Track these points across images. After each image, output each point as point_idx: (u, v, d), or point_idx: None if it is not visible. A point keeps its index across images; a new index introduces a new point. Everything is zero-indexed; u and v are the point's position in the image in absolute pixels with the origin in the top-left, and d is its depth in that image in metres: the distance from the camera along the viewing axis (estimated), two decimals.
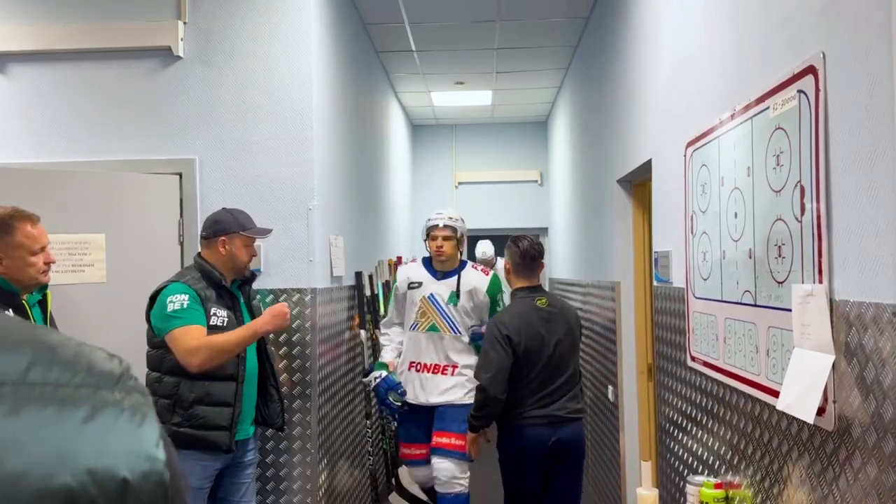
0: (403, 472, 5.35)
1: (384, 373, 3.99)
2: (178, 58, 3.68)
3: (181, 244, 3.59)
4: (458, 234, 4.00)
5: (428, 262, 4.08)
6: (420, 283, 4.00)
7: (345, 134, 4.56)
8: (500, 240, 8.49)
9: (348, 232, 4.53)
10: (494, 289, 4.02)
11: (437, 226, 3.97)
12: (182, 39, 3.67)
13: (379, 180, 6.04)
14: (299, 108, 3.68)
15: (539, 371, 3.26)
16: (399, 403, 3.95)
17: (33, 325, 0.56)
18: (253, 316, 3.01)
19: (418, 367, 3.98)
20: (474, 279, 4.00)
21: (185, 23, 3.68)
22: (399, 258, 6.77)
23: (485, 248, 7.68)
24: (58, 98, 3.71)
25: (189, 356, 2.61)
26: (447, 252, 3.94)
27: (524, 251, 3.35)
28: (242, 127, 3.68)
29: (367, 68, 5.56)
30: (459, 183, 8.89)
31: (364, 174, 5.29)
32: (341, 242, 4.25)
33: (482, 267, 4.19)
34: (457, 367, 3.92)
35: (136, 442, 0.48)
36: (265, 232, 3.04)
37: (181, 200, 3.63)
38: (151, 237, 3.51)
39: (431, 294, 3.96)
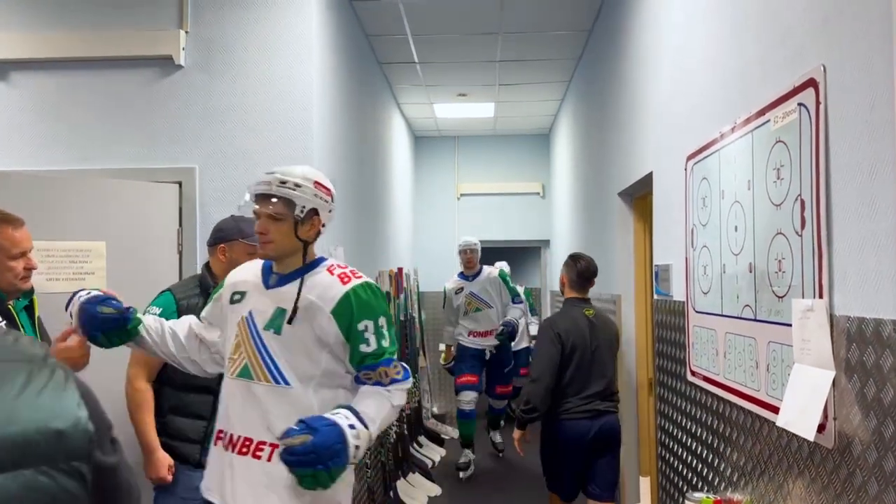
0: (402, 484, 5.31)
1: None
2: (180, 67, 3.69)
3: (180, 253, 3.58)
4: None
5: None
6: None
7: (346, 144, 4.56)
8: (501, 252, 8.47)
9: (349, 242, 4.51)
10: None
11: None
12: (183, 48, 3.68)
13: (380, 191, 6.04)
14: (300, 118, 3.68)
15: (582, 371, 3.60)
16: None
17: None
18: None
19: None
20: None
21: (186, 32, 3.69)
22: (400, 269, 6.76)
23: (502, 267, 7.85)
24: (59, 106, 3.71)
25: (130, 374, 2.65)
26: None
27: (581, 271, 3.81)
28: (243, 136, 3.67)
29: (369, 79, 5.57)
30: (461, 195, 8.88)
31: (365, 185, 5.28)
32: (342, 253, 4.24)
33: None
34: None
35: (63, 402, 0.64)
36: None
37: (180, 209, 3.62)
38: (151, 245, 3.50)
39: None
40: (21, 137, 3.71)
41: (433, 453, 6.41)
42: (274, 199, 2.07)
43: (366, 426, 1.91)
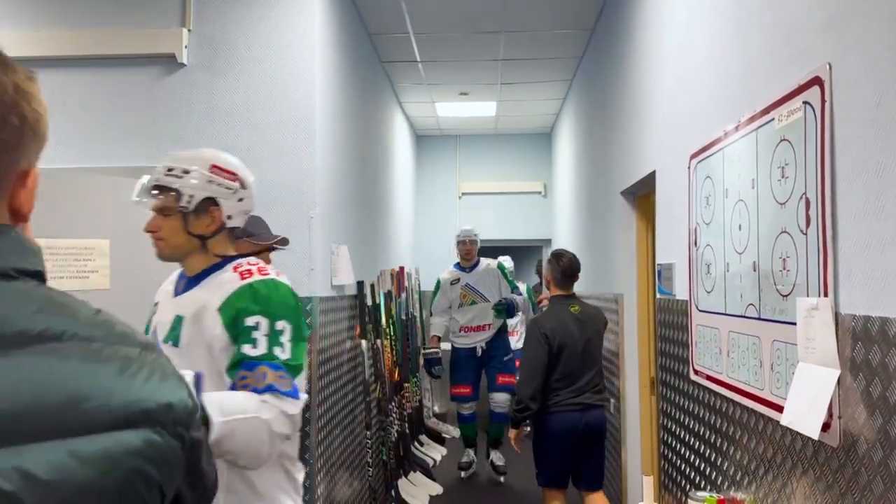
0: (403, 483, 5.31)
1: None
2: (182, 65, 3.69)
3: None
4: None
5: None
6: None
7: (348, 143, 4.56)
8: (503, 251, 8.48)
9: (351, 241, 4.51)
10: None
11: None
12: (186, 47, 3.68)
13: (382, 190, 6.04)
14: (302, 117, 3.68)
15: (571, 365, 3.74)
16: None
17: (99, 310, 0.81)
18: None
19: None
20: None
21: (189, 30, 3.69)
22: (402, 268, 6.76)
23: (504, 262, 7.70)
24: (62, 104, 3.71)
25: None
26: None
27: (564, 269, 3.95)
28: (245, 134, 3.67)
29: (371, 78, 5.56)
30: (463, 194, 8.88)
31: (367, 184, 5.28)
32: (346, 252, 4.24)
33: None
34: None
35: (172, 384, 0.80)
36: (275, 239, 2.87)
37: None
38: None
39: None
40: None
41: (434, 452, 6.41)
42: (155, 191, 1.79)
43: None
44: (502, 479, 5.92)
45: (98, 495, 0.69)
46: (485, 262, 6.17)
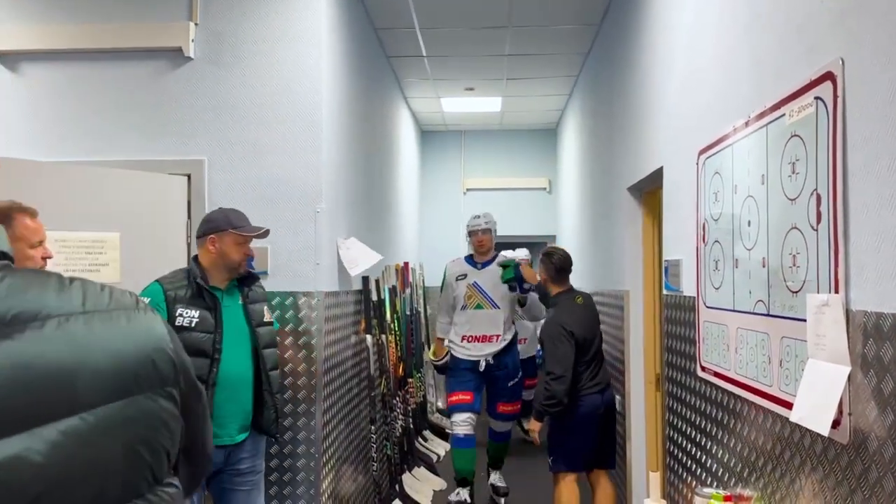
0: (407, 478, 5.31)
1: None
2: (189, 59, 3.68)
3: (188, 245, 3.58)
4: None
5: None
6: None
7: (354, 138, 4.55)
8: (509, 247, 8.47)
9: (356, 236, 4.50)
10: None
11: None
12: (193, 40, 3.67)
13: (387, 185, 6.03)
14: (309, 111, 3.67)
15: (590, 353, 3.92)
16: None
17: (70, 276, 0.81)
18: (249, 317, 2.94)
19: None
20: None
21: (196, 24, 3.68)
22: (406, 263, 6.75)
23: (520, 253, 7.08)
24: (68, 97, 3.71)
25: None
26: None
27: (558, 265, 4.07)
28: (252, 128, 3.67)
29: (377, 73, 5.56)
30: (467, 189, 8.87)
31: (372, 178, 5.28)
32: (356, 241, 4.23)
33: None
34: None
35: (155, 333, 0.81)
36: (258, 230, 2.94)
37: (189, 201, 3.62)
38: (162, 237, 3.50)
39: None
40: (30, 128, 3.72)
41: (438, 448, 6.42)
42: None
43: None
44: (503, 501, 5.25)
45: (100, 470, 0.70)
46: (502, 259, 5.16)
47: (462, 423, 4.93)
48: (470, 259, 5.19)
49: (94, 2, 3.72)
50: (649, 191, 4.09)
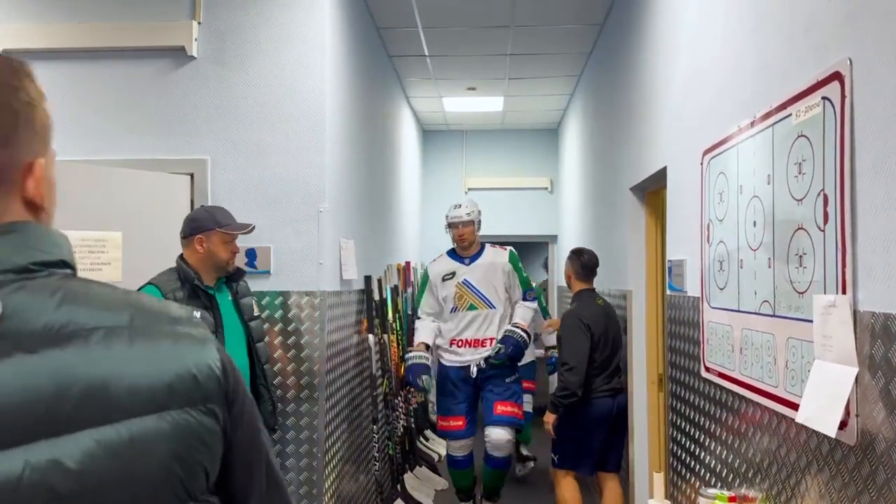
0: (409, 478, 5.31)
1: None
2: (192, 58, 3.68)
3: None
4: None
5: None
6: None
7: (356, 137, 4.55)
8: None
9: (358, 236, 4.50)
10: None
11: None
12: (196, 40, 3.67)
13: (389, 185, 6.03)
14: (312, 111, 3.67)
15: (605, 354, 3.95)
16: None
17: (127, 291, 0.85)
18: (240, 314, 2.96)
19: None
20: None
21: (199, 23, 3.68)
22: (408, 263, 6.75)
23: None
24: (71, 96, 3.71)
25: None
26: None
27: (585, 263, 4.14)
28: (255, 128, 3.66)
29: (379, 72, 5.55)
30: (469, 189, 8.86)
31: (375, 178, 5.28)
32: (352, 246, 4.23)
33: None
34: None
35: (201, 355, 0.80)
36: (244, 227, 2.94)
37: (192, 201, 3.61)
38: (164, 237, 3.49)
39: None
40: None
41: (439, 447, 6.41)
42: None
43: None
44: None
45: (132, 481, 0.72)
46: (491, 250, 4.57)
47: (458, 448, 4.53)
48: (454, 254, 4.56)
49: (97, 1, 3.71)
50: (652, 191, 4.08)
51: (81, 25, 3.68)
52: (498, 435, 4.34)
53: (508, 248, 4.64)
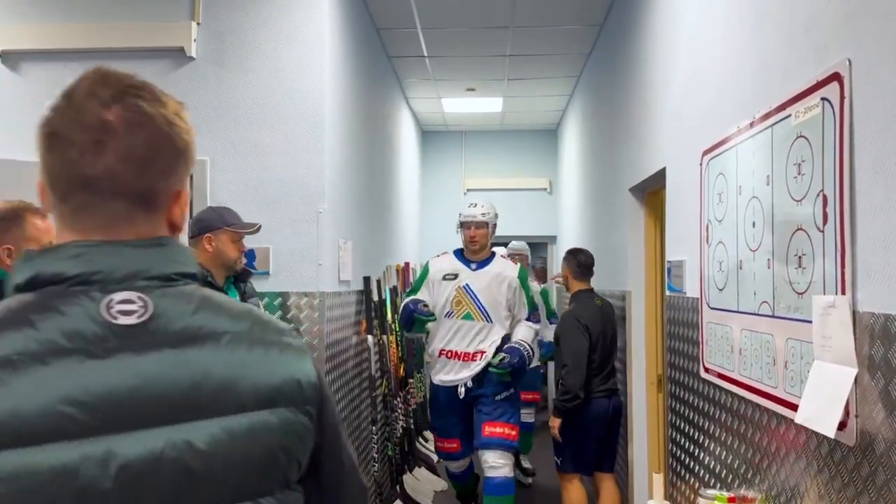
0: (408, 479, 5.31)
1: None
2: (191, 58, 3.67)
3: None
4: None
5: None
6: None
7: (355, 138, 4.55)
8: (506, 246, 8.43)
9: (357, 236, 4.50)
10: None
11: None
12: (195, 40, 3.67)
13: (388, 185, 6.03)
14: (311, 111, 3.66)
15: (602, 355, 3.94)
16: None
17: (243, 303, 0.98)
18: None
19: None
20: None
21: (198, 24, 3.67)
22: (407, 264, 6.75)
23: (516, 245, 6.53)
24: None
25: None
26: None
27: (581, 262, 4.12)
28: (254, 129, 3.66)
29: (378, 73, 5.55)
30: (468, 189, 8.86)
31: (374, 179, 5.28)
32: (350, 247, 4.23)
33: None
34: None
35: (301, 363, 0.94)
36: (251, 227, 2.95)
37: (191, 202, 3.61)
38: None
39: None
40: (33, 128, 3.69)
41: None
42: None
43: None
44: None
45: (246, 464, 0.85)
46: (501, 261, 4.25)
47: (456, 467, 4.35)
48: (461, 255, 4.19)
49: (96, 1, 3.71)
50: (652, 191, 4.08)
51: (80, 26, 3.68)
52: (490, 459, 3.97)
53: (519, 263, 4.43)
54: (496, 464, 3.95)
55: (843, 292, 1.66)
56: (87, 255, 0.83)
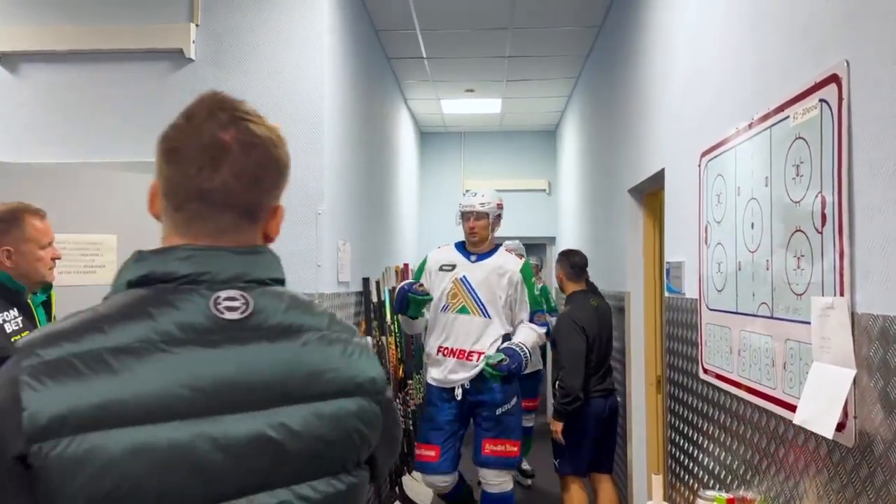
0: (407, 480, 5.31)
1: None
2: (190, 60, 3.68)
3: None
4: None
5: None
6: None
7: (355, 139, 4.55)
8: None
9: (356, 238, 4.50)
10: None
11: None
12: (194, 42, 3.67)
13: (387, 187, 6.03)
14: (310, 113, 3.67)
15: (599, 355, 3.95)
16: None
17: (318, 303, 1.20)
18: None
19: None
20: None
21: (197, 25, 3.67)
22: (406, 265, 6.75)
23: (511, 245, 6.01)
24: (69, 98, 3.70)
25: None
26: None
27: (575, 263, 4.15)
28: None
29: (377, 74, 5.55)
30: (467, 191, 8.85)
31: (373, 180, 5.28)
32: (349, 248, 4.23)
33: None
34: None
35: (374, 362, 1.05)
36: None
37: None
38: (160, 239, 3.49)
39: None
40: (31, 130, 3.71)
41: None
42: None
43: None
44: None
45: (329, 444, 0.96)
46: (505, 255, 3.88)
47: (432, 484, 3.79)
48: (462, 247, 3.91)
49: (95, 3, 3.71)
50: (650, 192, 4.08)
51: (79, 28, 3.68)
52: (489, 476, 3.73)
53: (525, 258, 4.18)
54: (495, 481, 3.71)
55: (842, 294, 1.66)
56: (196, 258, 0.95)
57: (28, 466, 0.82)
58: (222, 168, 0.96)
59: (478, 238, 3.82)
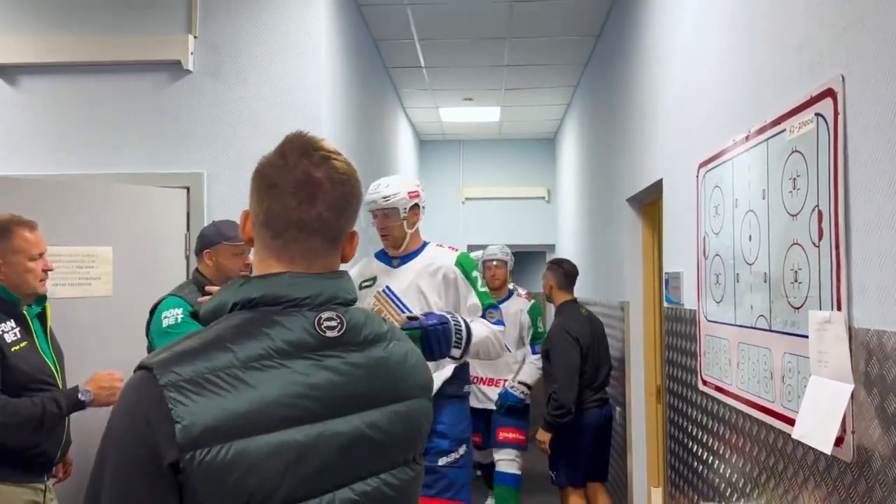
0: None
1: None
2: (188, 72, 3.68)
3: (187, 258, 3.57)
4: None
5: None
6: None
7: (353, 148, 4.55)
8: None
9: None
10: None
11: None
12: (192, 53, 3.67)
13: None
14: (309, 122, 3.67)
15: (592, 365, 3.93)
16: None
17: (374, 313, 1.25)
18: None
19: None
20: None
21: (195, 37, 3.68)
22: None
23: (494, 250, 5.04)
24: (67, 110, 3.71)
25: None
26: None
27: (567, 272, 4.14)
28: (251, 141, 3.66)
29: (375, 84, 5.56)
30: (466, 199, 8.87)
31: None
32: None
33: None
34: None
35: (423, 363, 1.24)
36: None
37: (188, 214, 3.61)
38: (158, 251, 3.49)
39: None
40: (29, 141, 3.71)
41: None
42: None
43: None
44: None
45: (405, 439, 1.14)
46: (434, 250, 3.05)
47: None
48: (382, 255, 3.13)
49: (94, 15, 3.72)
50: (649, 202, 4.08)
51: (78, 39, 3.69)
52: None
53: (460, 249, 3.11)
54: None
55: (839, 308, 1.65)
56: (299, 284, 1.09)
57: (178, 472, 0.92)
58: (317, 202, 1.10)
59: (391, 239, 3.03)
